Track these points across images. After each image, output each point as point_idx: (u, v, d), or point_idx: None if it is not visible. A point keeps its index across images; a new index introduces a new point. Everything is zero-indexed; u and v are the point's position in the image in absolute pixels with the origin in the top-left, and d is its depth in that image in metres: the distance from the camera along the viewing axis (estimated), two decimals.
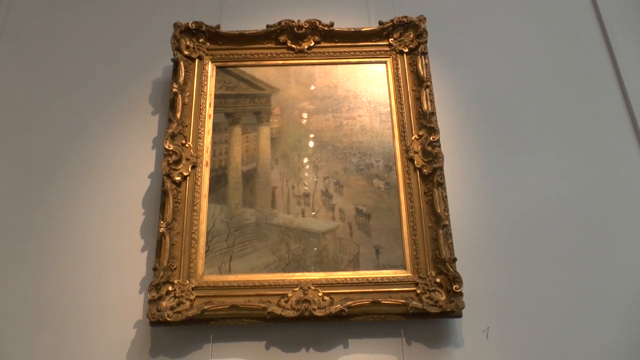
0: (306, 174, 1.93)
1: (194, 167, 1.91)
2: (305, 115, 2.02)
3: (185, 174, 1.89)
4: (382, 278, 1.78)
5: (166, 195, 1.84)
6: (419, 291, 1.76)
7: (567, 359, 1.79)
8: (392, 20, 2.12)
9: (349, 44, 2.13)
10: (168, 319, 1.69)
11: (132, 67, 2.22)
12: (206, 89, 2.05)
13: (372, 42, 2.13)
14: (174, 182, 1.86)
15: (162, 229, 1.79)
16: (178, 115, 1.97)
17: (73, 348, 1.78)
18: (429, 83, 2.03)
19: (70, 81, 2.18)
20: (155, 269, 1.75)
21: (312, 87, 2.07)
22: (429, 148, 1.92)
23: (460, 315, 1.75)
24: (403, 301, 1.73)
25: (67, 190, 1.99)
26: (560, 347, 1.80)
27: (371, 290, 1.76)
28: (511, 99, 2.16)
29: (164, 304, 1.72)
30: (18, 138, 2.08)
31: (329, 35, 2.12)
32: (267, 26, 2.11)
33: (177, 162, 1.89)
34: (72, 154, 2.06)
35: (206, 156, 1.94)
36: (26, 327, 1.80)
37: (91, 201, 1.97)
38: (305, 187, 1.91)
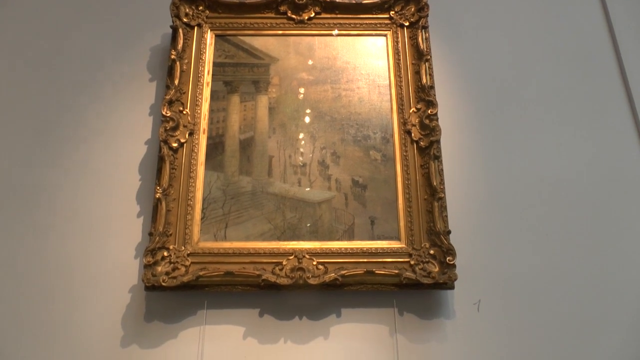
0: (303, 144, 1.93)
1: (191, 134, 1.91)
2: (303, 85, 2.02)
3: (182, 140, 1.89)
4: (376, 249, 1.79)
5: (163, 161, 1.84)
6: (412, 262, 1.77)
7: (558, 333, 1.80)
8: None
9: (350, 15, 2.12)
10: (163, 284, 1.70)
11: (130, 34, 2.20)
12: (205, 57, 2.04)
13: (372, 14, 2.12)
14: (170, 148, 1.86)
15: (158, 194, 1.79)
16: (176, 82, 1.96)
17: (68, 312, 1.79)
18: (429, 57, 2.02)
19: (68, 46, 2.17)
20: (151, 234, 1.76)
21: (311, 59, 2.05)
22: (427, 121, 1.92)
23: (452, 287, 1.77)
24: (396, 272, 1.74)
25: (63, 155, 1.98)
26: (550, 322, 1.82)
27: (365, 260, 1.77)
28: (510, 75, 2.16)
29: (159, 269, 1.73)
30: (14, 102, 2.06)
31: (330, 6, 2.11)
32: None
33: (174, 128, 1.89)
34: (69, 118, 2.05)
35: (203, 123, 1.94)
36: (21, 293, 1.80)
37: (87, 166, 1.97)
38: (302, 157, 1.91)
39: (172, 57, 1.97)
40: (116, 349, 1.75)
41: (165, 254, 1.75)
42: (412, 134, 1.92)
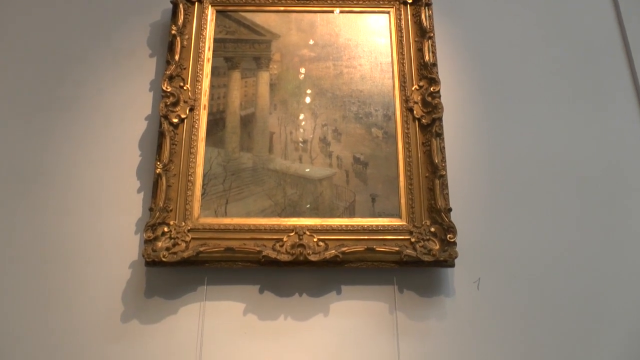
0: (304, 121, 1.92)
1: (191, 109, 1.89)
2: (305, 62, 2.00)
3: (182, 116, 1.87)
4: (377, 226, 1.79)
5: (163, 136, 1.83)
6: (413, 240, 1.77)
7: (558, 313, 1.80)
8: None
9: None
10: (163, 259, 1.70)
11: (130, 9, 2.18)
12: (205, 33, 2.02)
13: None
14: (171, 123, 1.85)
15: (158, 169, 1.78)
16: (176, 57, 1.94)
17: (68, 287, 1.79)
18: (432, 34, 2.00)
19: (68, 21, 2.14)
20: (151, 209, 1.75)
21: (313, 36, 2.03)
22: (429, 99, 1.90)
23: (452, 265, 1.77)
24: (397, 249, 1.73)
25: (63, 131, 1.97)
26: (550, 301, 1.82)
27: (366, 237, 1.77)
28: (513, 53, 2.14)
29: (159, 244, 1.73)
30: (12, 77, 2.04)
31: None
32: None
33: (175, 104, 1.88)
34: (68, 94, 2.03)
35: (204, 99, 1.92)
36: (21, 267, 1.80)
37: (87, 142, 1.95)
38: (303, 134, 1.90)
39: (173, 32, 1.96)
40: (116, 324, 1.76)
41: (166, 229, 1.75)
42: (414, 112, 1.90)
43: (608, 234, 1.91)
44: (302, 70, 1.99)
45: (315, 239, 1.75)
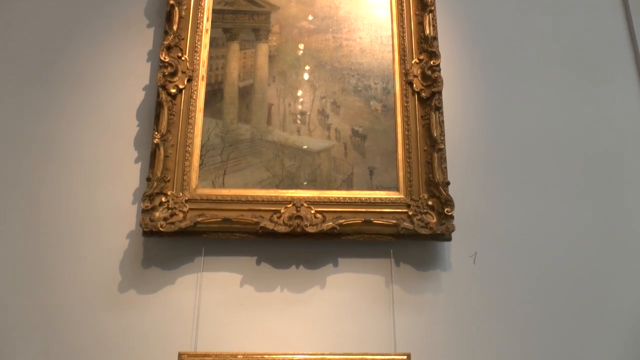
0: (303, 93, 1.91)
1: (189, 80, 1.88)
2: (304, 34, 1.98)
3: (180, 86, 1.86)
4: (374, 198, 1.79)
5: (161, 106, 1.82)
6: (410, 213, 1.77)
7: (555, 289, 1.82)
8: None
9: None
10: (161, 229, 1.70)
11: None
12: (204, 3, 2.00)
13: None
14: (169, 94, 1.84)
15: (156, 139, 1.77)
16: (174, 27, 1.92)
17: (66, 257, 1.79)
18: (433, 7, 1.99)
19: None
20: (148, 179, 1.75)
21: (313, 7, 2.02)
22: (429, 72, 1.89)
23: (449, 239, 1.77)
24: (394, 222, 1.74)
25: (60, 101, 1.96)
26: (546, 277, 1.83)
27: (363, 210, 1.77)
28: (514, 28, 2.12)
29: (157, 214, 1.73)
30: (9, 48, 2.02)
31: None
32: None
33: (173, 74, 1.86)
34: (65, 64, 2.01)
35: (202, 70, 1.91)
36: (18, 237, 1.80)
37: (84, 112, 1.94)
38: (302, 106, 1.89)
39: (171, 2, 1.94)
40: (114, 293, 1.76)
41: (163, 199, 1.75)
42: (414, 85, 1.89)
43: (606, 210, 1.92)
44: (302, 42, 1.97)
45: (312, 211, 1.75)
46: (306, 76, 1.93)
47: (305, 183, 1.80)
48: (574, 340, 1.79)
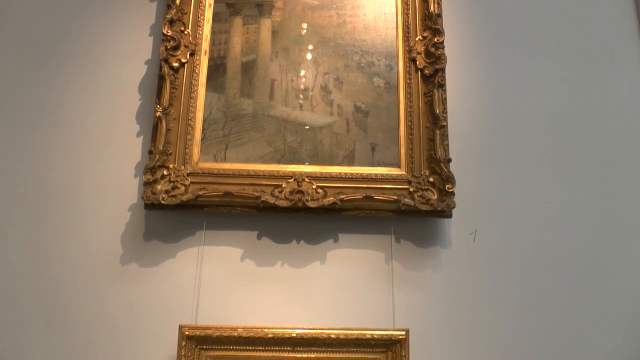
0: (306, 69, 1.90)
1: (192, 54, 1.88)
2: (308, 10, 1.97)
3: (183, 60, 1.86)
4: (376, 175, 1.79)
5: (163, 80, 1.81)
6: (411, 189, 1.77)
7: (554, 268, 1.82)
8: None
9: None
10: (162, 202, 1.71)
11: None
12: None
13: None
14: (171, 67, 1.83)
15: (158, 113, 1.77)
16: (177, 1, 1.91)
17: (68, 229, 1.80)
18: None
19: None
20: (150, 152, 1.75)
21: None
22: (433, 49, 1.88)
23: (450, 216, 1.77)
24: (395, 198, 1.74)
25: (63, 74, 1.95)
26: (546, 256, 1.84)
27: (364, 185, 1.77)
28: (519, 7, 2.10)
29: (159, 187, 1.73)
30: (12, 22, 2.00)
31: None
32: None
33: (175, 48, 1.86)
34: (69, 38, 2.00)
35: (205, 45, 1.90)
36: (21, 209, 1.81)
37: (86, 85, 1.94)
38: (305, 82, 1.88)
39: None
40: (116, 266, 1.77)
41: (165, 172, 1.75)
42: (417, 62, 1.89)
43: (607, 190, 1.92)
44: (305, 18, 1.96)
45: (314, 186, 1.75)
46: (309, 52, 1.92)
47: (307, 158, 1.80)
48: (572, 318, 1.80)
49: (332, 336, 1.66)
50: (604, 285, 1.83)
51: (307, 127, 1.83)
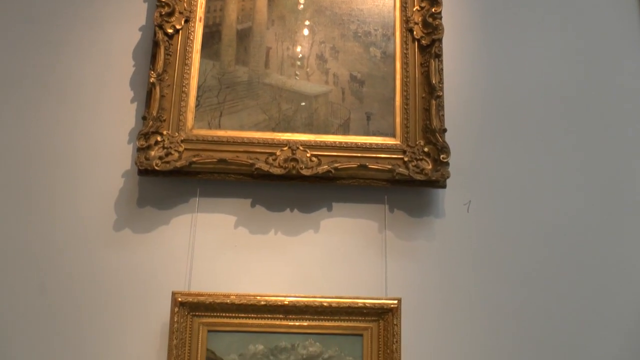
0: (302, 37, 1.89)
1: (187, 21, 1.86)
2: None
3: (177, 27, 1.84)
4: (370, 144, 1.78)
5: (157, 46, 1.80)
6: (406, 159, 1.77)
7: (548, 238, 1.83)
8: None
9: None
10: (156, 167, 1.70)
11: None
12: None
13: None
14: (165, 34, 1.81)
15: (152, 78, 1.76)
16: None
17: (62, 196, 1.79)
18: None
19: None
20: (144, 118, 1.74)
21: None
22: (430, 19, 1.87)
23: (444, 186, 1.77)
24: (389, 167, 1.74)
25: (56, 40, 1.93)
26: (540, 227, 1.84)
27: (359, 155, 1.77)
28: None
29: (152, 153, 1.72)
30: None
31: None
32: None
33: (170, 14, 1.84)
34: (61, 3, 1.97)
35: (200, 11, 1.88)
36: (13, 176, 1.80)
37: (80, 51, 1.91)
38: (300, 50, 1.87)
39: None
40: (109, 232, 1.77)
41: (159, 138, 1.74)
42: (414, 32, 1.88)
43: (602, 160, 1.92)
44: None
45: (308, 154, 1.74)
46: (305, 21, 1.91)
47: (301, 126, 1.79)
48: (566, 288, 1.81)
49: (325, 304, 1.66)
50: (599, 254, 1.84)
51: (303, 102, 1.81)
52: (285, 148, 1.75)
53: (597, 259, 1.85)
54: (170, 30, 1.83)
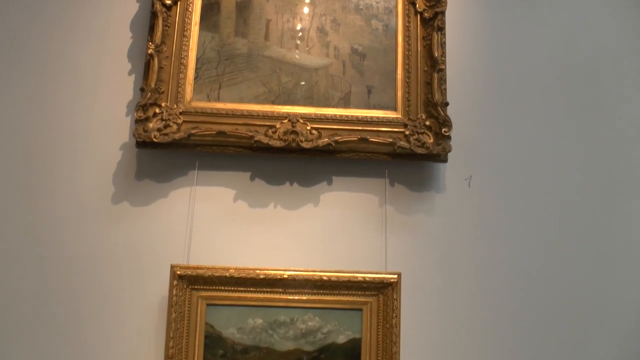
0: (302, 10, 1.86)
1: None
2: None
3: None
4: (371, 117, 1.77)
5: (155, 17, 1.77)
6: (407, 132, 1.75)
7: (549, 215, 1.82)
8: None
9: None
10: (154, 139, 1.68)
11: None
12: None
13: None
14: (164, 5, 1.78)
15: (150, 50, 1.73)
16: None
17: (59, 169, 1.77)
18: None
19: None
20: (142, 89, 1.72)
21: None
22: None
23: (445, 160, 1.76)
24: (390, 140, 1.72)
25: (53, 11, 1.90)
26: (541, 204, 1.83)
27: (360, 128, 1.75)
28: None
29: (150, 125, 1.70)
30: None
31: None
32: None
33: None
34: None
35: None
36: (11, 149, 1.78)
37: (77, 22, 1.88)
38: (301, 23, 1.84)
39: None
40: (107, 205, 1.76)
41: (157, 110, 1.72)
42: (417, 5, 1.85)
43: (604, 135, 1.91)
44: None
45: (308, 127, 1.73)
46: None
47: (301, 99, 1.77)
48: (568, 262, 1.80)
49: (324, 278, 1.66)
50: (600, 227, 1.83)
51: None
52: (285, 121, 1.73)
53: (598, 231, 1.84)
54: (168, 2, 1.80)
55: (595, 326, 1.77)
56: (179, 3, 1.82)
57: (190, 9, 1.83)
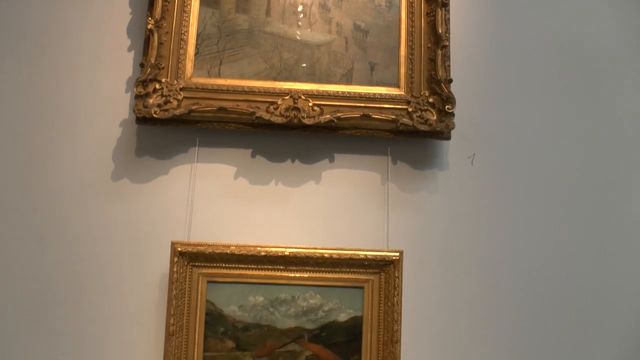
0: None
1: None
2: None
3: None
4: (374, 94, 1.75)
5: None
6: (410, 109, 1.73)
7: (551, 191, 1.81)
8: None
9: None
10: (155, 115, 1.66)
11: None
12: None
13: None
14: None
15: (150, 25, 1.71)
16: None
17: (59, 146, 1.76)
18: None
19: None
20: (142, 65, 1.70)
21: None
22: None
23: (448, 138, 1.74)
24: (393, 117, 1.70)
25: None
26: (544, 184, 1.82)
27: (362, 105, 1.73)
28: None
29: (150, 100, 1.68)
30: None
31: None
32: None
33: None
34: None
35: None
36: (11, 125, 1.77)
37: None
38: None
39: None
40: (107, 182, 1.75)
41: (157, 86, 1.70)
42: None
43: (609, 114, 1.89)
44: None
45: (310, 104, 1.71)
46: None
47: (303, 76, 1.75)
48: (569, 242, 1.79)
49: (326, 255, 1.64)
50: (603, 205, 1.82)
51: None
52: (286, 97, 1.72)
53: (601, 208, 1.83)
54: None
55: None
56: None
57: None
